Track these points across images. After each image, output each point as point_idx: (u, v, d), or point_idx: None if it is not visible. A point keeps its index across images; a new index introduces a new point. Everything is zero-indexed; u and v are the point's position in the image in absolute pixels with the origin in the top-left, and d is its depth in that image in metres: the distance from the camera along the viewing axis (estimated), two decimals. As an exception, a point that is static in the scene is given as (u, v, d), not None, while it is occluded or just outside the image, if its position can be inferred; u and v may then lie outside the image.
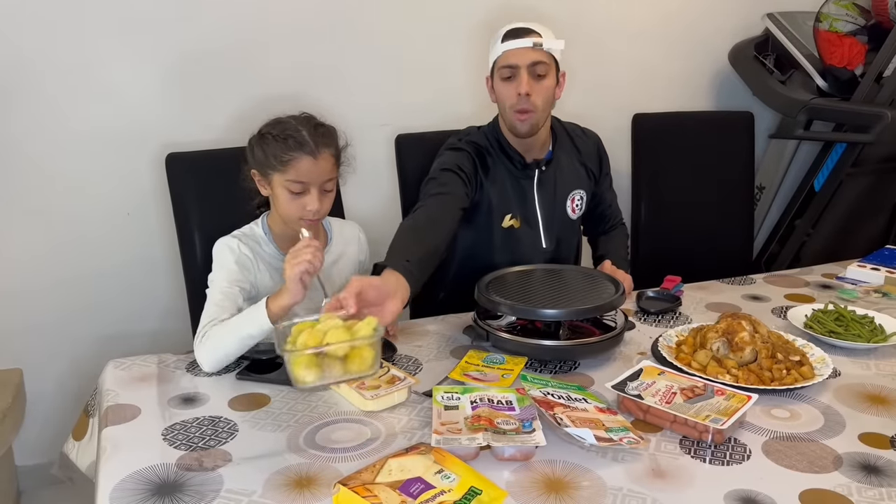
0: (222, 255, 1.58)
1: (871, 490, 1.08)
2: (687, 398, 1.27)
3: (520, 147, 1.84)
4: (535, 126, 1.77)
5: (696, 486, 1.09)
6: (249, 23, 2.25)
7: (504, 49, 1.74)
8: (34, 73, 2.07)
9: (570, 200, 1.91)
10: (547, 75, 1.74)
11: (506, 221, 1.86)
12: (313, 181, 1.52)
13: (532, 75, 1.73)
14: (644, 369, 1.36)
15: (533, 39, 1.72)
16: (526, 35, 1.73)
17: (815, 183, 2.70)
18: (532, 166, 1.85)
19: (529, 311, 1.49)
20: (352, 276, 1.64)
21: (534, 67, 1.72)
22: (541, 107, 1.75)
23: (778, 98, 2.67)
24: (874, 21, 2.70)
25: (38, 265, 2.19)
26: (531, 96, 1.72)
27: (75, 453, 1.47)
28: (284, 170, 1.51)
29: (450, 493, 1.03)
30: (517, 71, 1.73)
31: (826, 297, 1.85)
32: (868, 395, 1.37)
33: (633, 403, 1.27)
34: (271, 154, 1.52)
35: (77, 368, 2.27)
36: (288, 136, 1.51)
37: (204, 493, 1.07)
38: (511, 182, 1.85)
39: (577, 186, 1.93)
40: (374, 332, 1.16)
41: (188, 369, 1.47)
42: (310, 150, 1.50)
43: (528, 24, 1.75)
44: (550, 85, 1.76)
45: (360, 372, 1.15)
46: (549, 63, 1.74)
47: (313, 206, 1.52)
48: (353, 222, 1.81)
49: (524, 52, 1.72)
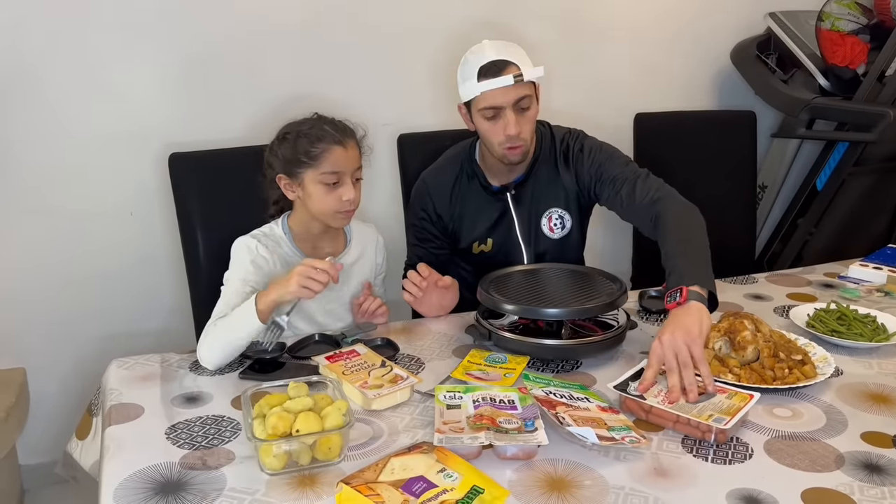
0: (239, 254, 1.60)
1: (874, 489, 1.08)
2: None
3: (490, 172, 1.82)
4: (526, 154, 1.74)
5: (698, 485, 1.09)
6: (252, 23, 2.25)
7: (483, 89, 1.63)
8: (38, 75, 2.08)
9: (546, 219, 1.84)
10: (531, 106, 1.68)
11: (475, 248, 1.87)
12: (346, 170, 1.56)
13: (517, 112, 1.66)
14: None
15: (512, 74, 1.61)
16: (505, 70, 1.62)
17: (818, 182, 2.69)
18: (502, 190, 1.83)
19: (532, 311, 1.49)
20: (366, 279, 1.72)
21: (518, 104, 1.65)
22: (529, 137, 1.71)
23: (780, 97, 2.67)
24: (876, 20, 2.69)
25: (42, 265, 2.20)
26: (521, 134, 1.67)
27: (79, 452, 1.47)
28: (317, 163, 1.54)
29: (452, 492, 1.03)
30: (502, 111, 1.65)
31: (828, 296, 1.84)
32: (870, 394, 1.37)
33: (636, 404, 1.27)
34: (301, 151, 1.55)
35: (80, 368, 2.28)
36: (315, 133, 1.56)
37: (207, 491, 1.08)
38: (481, 206, 1.84)
39: (555, 205, 1.84)
40: (343, 420, 1.14)
41: (191, 369, 1.48)
42: (338, 139, 1.55)
43: (503, 54, 1.64)
44: (535, 114, 1.70)
45: (327, 460, 1.14)
46: (531, 94, 1.67)
47: (349, 195, 1.56)
48: (372, 224, 1.83)
49: (507, 92, 1.63)
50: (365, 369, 1.39)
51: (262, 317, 1.44)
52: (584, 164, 1.80)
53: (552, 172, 1.83)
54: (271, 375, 1.43)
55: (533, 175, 1.82)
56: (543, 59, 2.37)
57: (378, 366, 1.41)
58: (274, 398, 1.19)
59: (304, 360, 1.50)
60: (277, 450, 1.11)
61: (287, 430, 1.11)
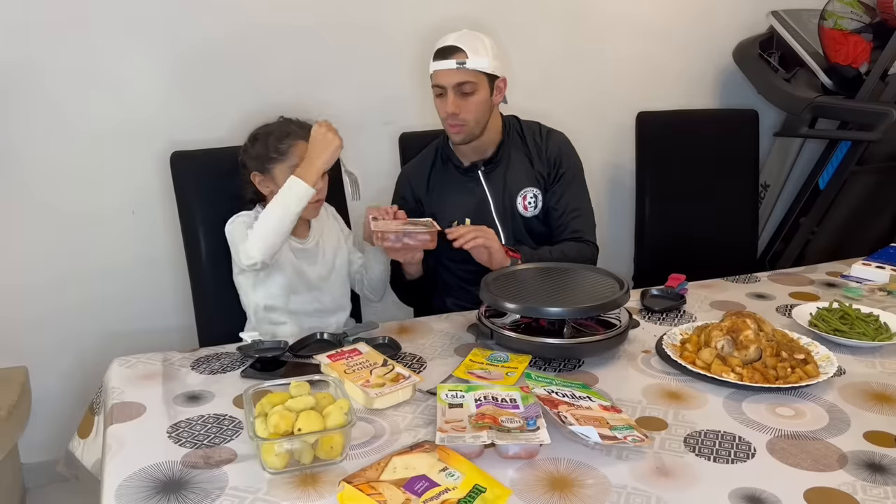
0: (240, 230, 1.67)
1: (877, 488, 1.08)
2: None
3: (461, 153, 1.93)
4: (470, 136, 1.84)
5: (700, 485, 1.09)
6: (254, 22, 2.25)
7: (433, 68, 1.81)
8: (40, 72, 2.08)
9: (521, 198, 1.92)
10: (475, 92, 1.79)
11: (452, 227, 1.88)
12: None
13: (458, 94, 1.78)
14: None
15: (456, 60, 1.76)
16: (451, 55, 1.77)
17: (820, 181, 2.69)
18: (472, 169, 1.92)
19: (534, 310, 1.49)
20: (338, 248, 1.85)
21: (459, 87, 1.78)
22: (472, 120, 1.81)
23: (783, 96, 2.66)
24: (879, 19, 2.69)
25: (43, 263, 2.20)
26: (459, 114, 1.79)
27: (81, 451, 1.47)
28: (286, 157, 1.69)
29: (454, 491, 1.03)
30: (445, 90, 1.80)
31: (831, 295, 1.84)
32: (873, 393, 1.37)
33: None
34: (272, 147, 1.70)
35: (82, 366, 2.28)
36: (283, 130, 1.72)
37: (209, 490, 1.08)
38: (456, 187, 1.93)
39: (529, 185, 1.92)
40: (345, 418, 1.14)
41: (193, 367, 1.48)
42: (303, 135, 1.69)
43: (456, 41, 1.78)
44: (480, 100, 1.80)
45: (329, 459, 1.14)
46: (475, 81, 1.79)
47: (317, 186, 1.66)
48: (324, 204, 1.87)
49: (449, 74, 1.78)
50: (366, 368, 1.39)
51: (311, 181, 1.60)
52: (559, 172, 1.93)
53: (522, 157, 1.94)
54: (273, 374, 1.43)
55: (503, 157, 1.92)
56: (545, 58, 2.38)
57: (380, 364, 1.41)
58: (276, 397, 1.19)
59: (305, 359, 1.50)
60: (279, 449, 1.11)
61: (289, 429, 1.11)
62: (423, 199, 1.96)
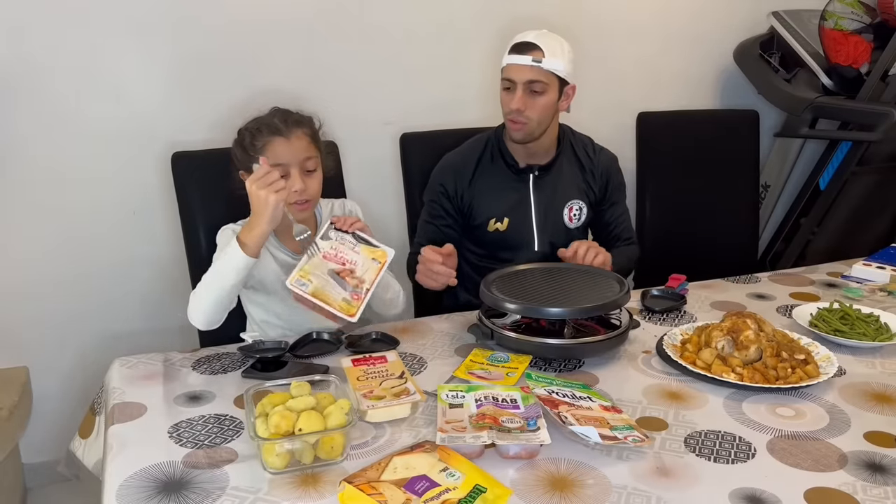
0: (226, 236, 1.62)
1: (877, 489, 1.08)
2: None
3: (517, 152, 1.90)
4: (529, 135, 1.83)
5: (701, 485, 1.09)
6: (255, 22, 2.25)
7: (507, 62, 1.80)
8: (41, 73, 2.08)
9: (567, 209, 1.94)
10: (545, 92, 1.78)
11: (490, 225, 1.91)
12: (291, 161, 1.56)
13: (527, 92, 1.78)
14: None
15: (532, 57, 1.76)
16: (528, 52, 1.76)
17: (821, 181, 2.69)
18: (526, 171, 1.90)
19: (534, 310, 1.49)
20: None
21: (530, 84, 1.77)
22: (535, 120, 1.80)
23: (783, 96, 2.66)
24: (880, 19, 2.69)
25: (44, 263, 2.20)
26: (524, 111, 1.78)
27: (82, 451, 1.47)
28: (262, 156, 1.54)
29: (454, 491, 1.03)
30: (514, 85, 1.79)
31: (831, 295, 1.84)
32: (873, 393, 1.37)
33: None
34: (248, 146, 1.58)
35: (83, 366, 2.28)
36: (260, 126, 1.58)
37: (210, 490, 1.08)
38: (503, 186, 1.91)
39: (577, 197, 1.95)
40: (345, 419, 1.14)
41: (194, 367, 1.48)
42: (281, 131, 1.56)
43: (535, 38, 1.77)
44: (548, 101, 1.80)
45: (329, 459, 1.14)
46: (547, 82, 1.78)
47: (297, 186, 1.55)
48: (345, 201, 1.80)
49: (521, 69, 1.77)
50: (379, 378, 1.38)
51: (249, 251, 1.46)
52: (608, 191, 1.99)
53: (574, 169, 1.96)
54: (274, 374, 1.42)
55: (556, 166, 1.92)
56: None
57: (395, 376, 1.39)
58: (276, 397, 1.19)
59: (305, 359, 1.50)
60: (280, 449, 1.11)
61: (289, 429, 1.11)
62: (466, 190, 1.92)
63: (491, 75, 1.85)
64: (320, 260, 1.48)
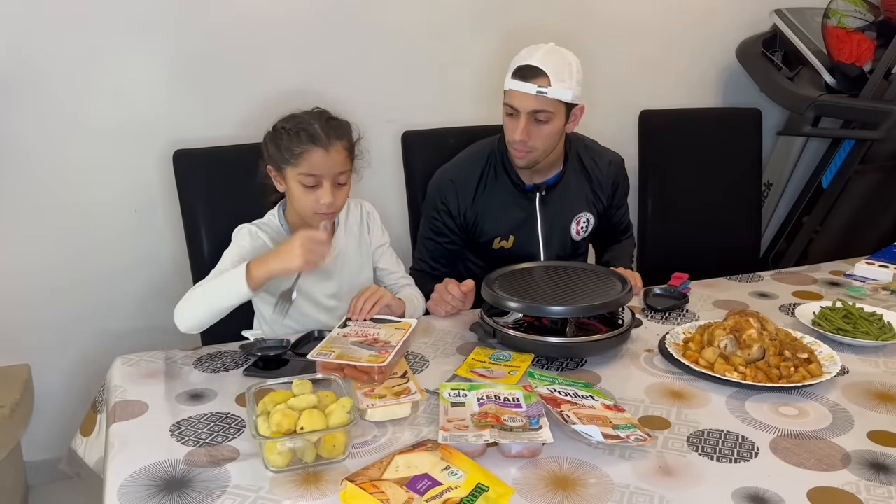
0: (241, 238, 1.60)
1: (880, 488, 1.08)
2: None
3: (522, 171, 1.84)
4: (533, 162, 1.77)
5: (703, 484, 1.09)
6: (257, 20, 2.25)
7: (510, 87, 1.70)
8: (42, 71, 2.08)
9: (575, 223, 1.91)
10: (549, 121, 1.70)
11: (496, 244, 1.88)
12: (325, 174, 1.52)
13: (531, 121, 1.69)
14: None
15: (537, 86, 1.65)
16: (532, 78, 1.66)
17: (823, 180, 2.69)
18: (533, 190, 1.86)
19: (536, 308, 1.49)
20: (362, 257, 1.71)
21: (534, 114, 1.68)
22: (541, 148, 1.74)
23: (786, 94, 2.66)
24: (883, 17, 2.68)
25: (46, 261, 2.20)
26: (528, 141, 1.71)
27: (83, 449, 1.47)
28: (297, 163, 1.51)
29: (456, 490, 1.03)
30: (518, 113, 1.70)
31: (834, 294, 1.84)
32: (876, 392, 1.37)
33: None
34: (284, 148, 1.53)
35: (85, 364, 2.28)
36: (300, 130, 1.52)
37: (211, 489, 1.08)
38: (509, 204, 1.86)
39: (585, 209, 1.92)
40: (347, 417, 1.13)
41: (196, 365, 1.48)
42: (322, 142, 1.51)
43: (541, 61, 1.66)
44: (553, 130, 1.71)
45: (331, 458, 1.13)
46: (553, 111, 1.69)
47: (326, 200, 1.52)
48: (359, 201, 1.77)
49: (526, 98, 1.67)
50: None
51: (253, 284, 1.42)
52: (615, 198, 1.98)
53: (581, 181, 1.91)
54: (275, 373, 1.42)
55: (563, 181, 1.87)
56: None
57: (397, 375, 1.39)
58: (278, 395, 1.19)
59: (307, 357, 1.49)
60: (282, 447, 1.11)
61: (291, 428, 1.11)
62: (469, 208, 1.85)
63: (491, 73, 1.84)
64: (341, 338, 1.46)
